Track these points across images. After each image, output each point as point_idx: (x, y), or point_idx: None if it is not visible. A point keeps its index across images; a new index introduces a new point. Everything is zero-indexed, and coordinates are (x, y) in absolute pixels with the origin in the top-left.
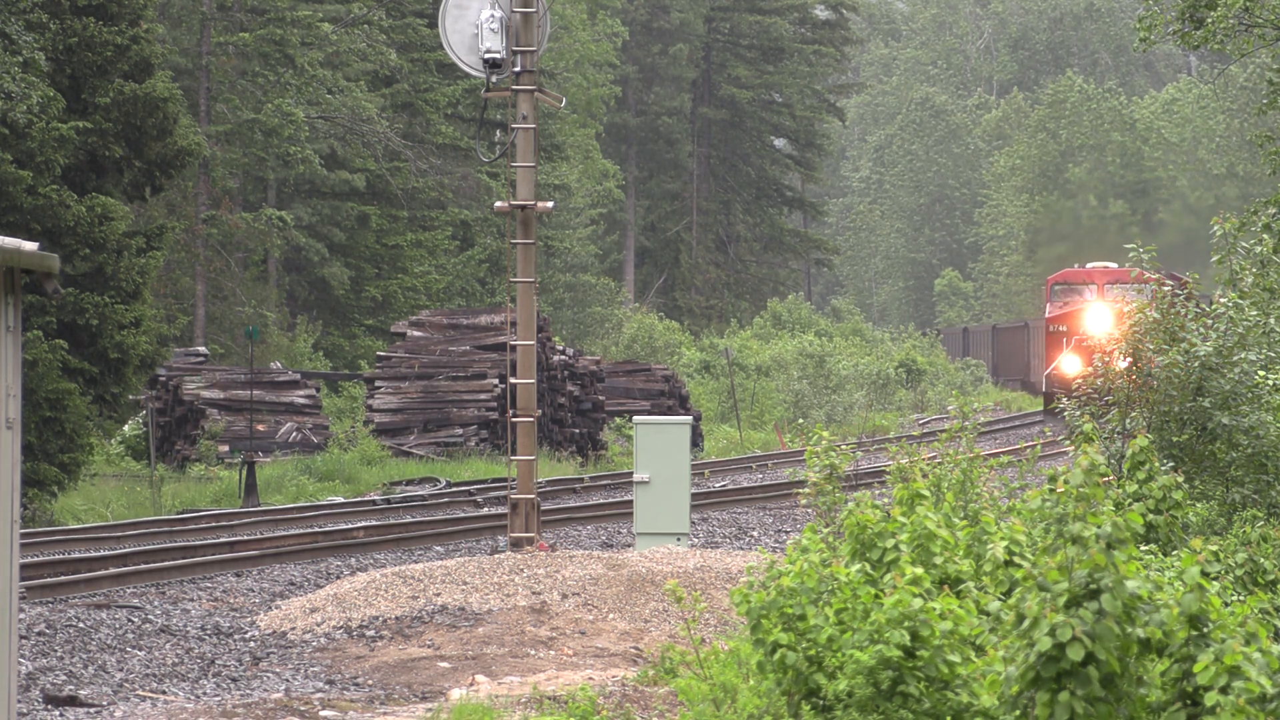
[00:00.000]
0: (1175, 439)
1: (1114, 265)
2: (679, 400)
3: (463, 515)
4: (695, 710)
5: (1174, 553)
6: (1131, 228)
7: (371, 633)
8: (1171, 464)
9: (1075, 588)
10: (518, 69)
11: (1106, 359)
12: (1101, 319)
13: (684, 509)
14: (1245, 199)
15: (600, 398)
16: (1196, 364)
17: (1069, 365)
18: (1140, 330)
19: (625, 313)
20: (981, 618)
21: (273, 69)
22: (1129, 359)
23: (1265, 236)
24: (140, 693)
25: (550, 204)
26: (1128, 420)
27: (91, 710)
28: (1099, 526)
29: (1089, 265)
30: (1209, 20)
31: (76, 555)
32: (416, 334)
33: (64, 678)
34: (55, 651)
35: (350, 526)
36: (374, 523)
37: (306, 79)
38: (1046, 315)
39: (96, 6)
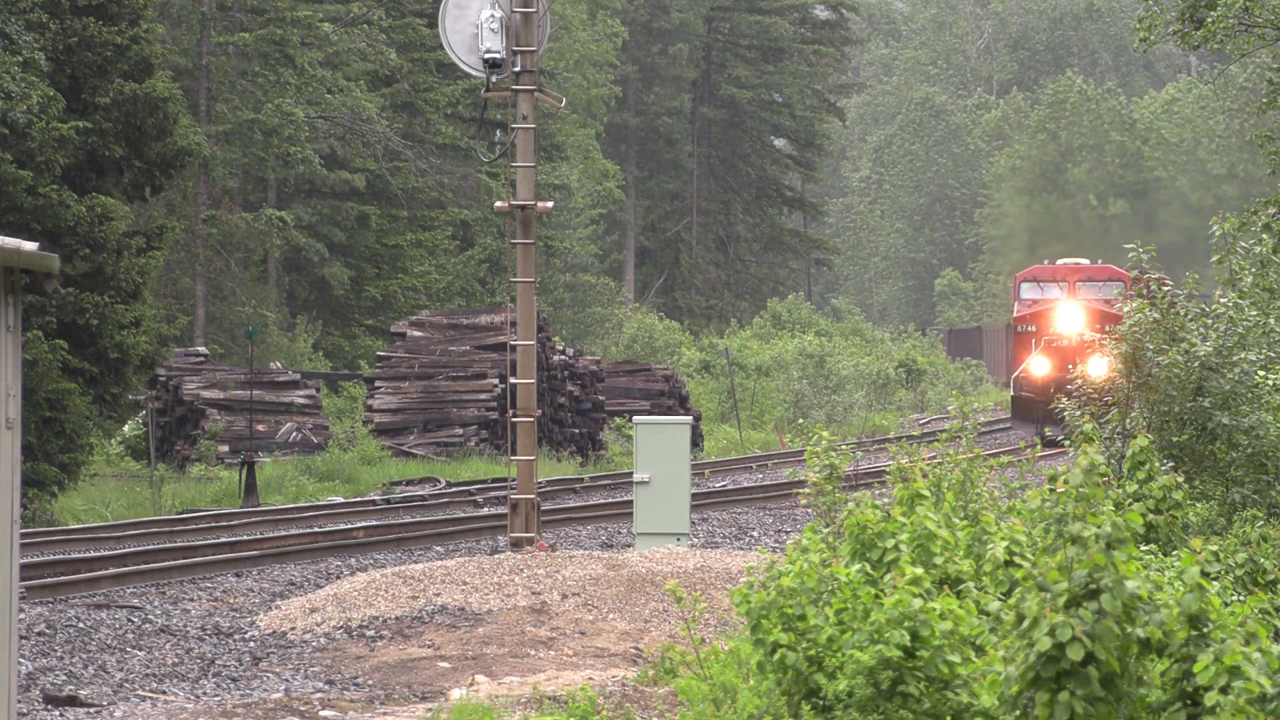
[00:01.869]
0: (1175, 439)
1: (1085, 261)
2: (679, 400)
3: (463, 515)
4: (695, 710)
5: (1174, 553)
6: (1132, 228)
7: (371, 633)
8: (1171, 464)
9: (1075, 588)
10: (518, 69)
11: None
12: (1072, 318)
13: (684, 509)
14: (1245, 199)
15: (600, 398)
16: (1196, 364)
17: (1038, 367)
18: (1140, 330)
19: (625, 313)
20: (981, 618)
21: (273, 69)
22: (1115, 360)
23: (1265, 236)
24: (140, 693)
25: (550, 204)
26: (1128, 420)
27: (91, 710)
28: (1099, 526)
29: (1059, 261)
30: (1209, 20)
31: (76, 555)
32: (416, 334)
33: (64, 678)
34: (55, 651)
35: (350, 526)
36: (374, 523)
37: (306, 79)
38: (1014, 314)
39: (96, 6)
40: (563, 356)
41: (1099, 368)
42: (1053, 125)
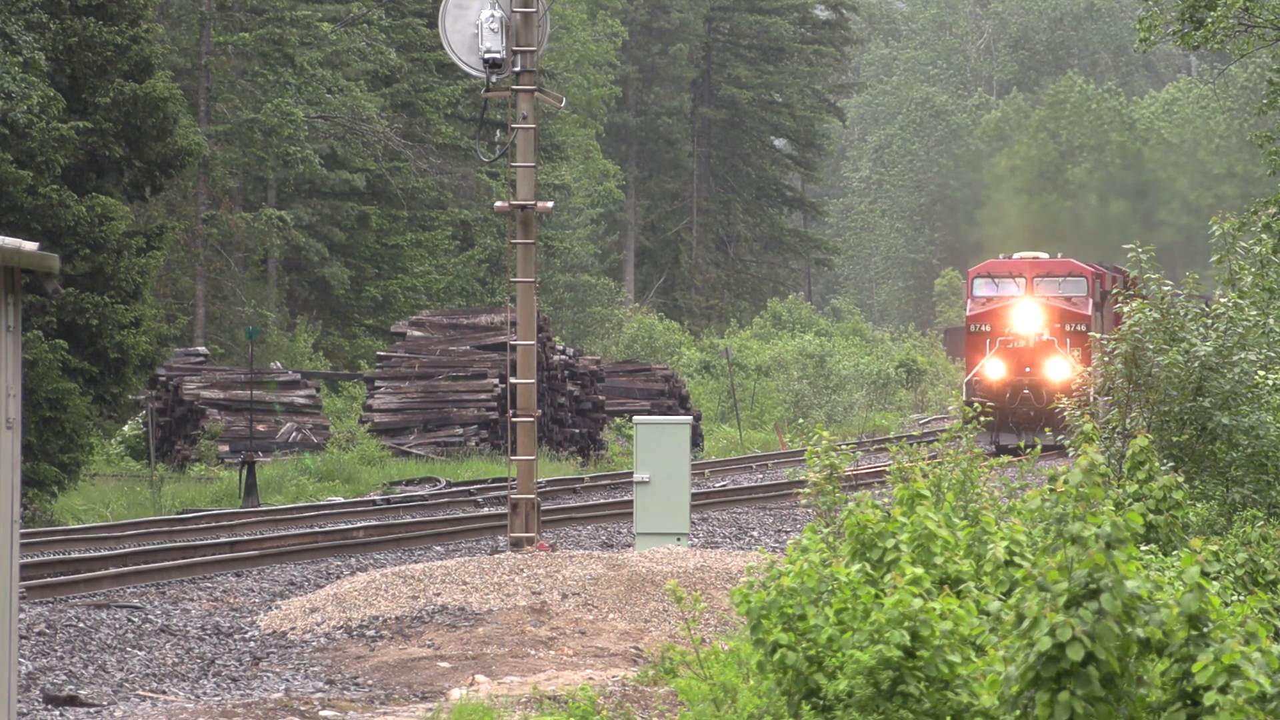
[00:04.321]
0: (1175, 439)
1: (1044, 255)
2: (679, 400)
3: (463, 515)
4: (695, 710)
5: (1174, 553)
6: (1131, 227)
7: (371, 633)
8: (1171, 464)
9: (1075, 588)
10: (518, 69)
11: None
12: (1030, 317)
13: (684, 509)
14: (1245, 199)
15: (600, 398)
16: (1196, 364)
17: (992, 370)
18: (1140, 330)
19: (625, 313)
20: (981, 618)
21: (272, 69)
22: (1114, 360)
23: (1265, 236)
24: (140, 693)
25: (550, 204)
26: (1128, 420)
27: (91, 710)
28: (1099, 526)
29: (1015, 255)
30: (1209, 20)
31: (76, 555)
32: (416, 334)
33: (64, 678)
34: (55, 651)
35: (350, 526)
36: (374, 523)
37: (306, 79)
38: (968, 313)
39: (96, 6)
40: (563, 356)
41: (1059, 370)
42: (1053, 125)
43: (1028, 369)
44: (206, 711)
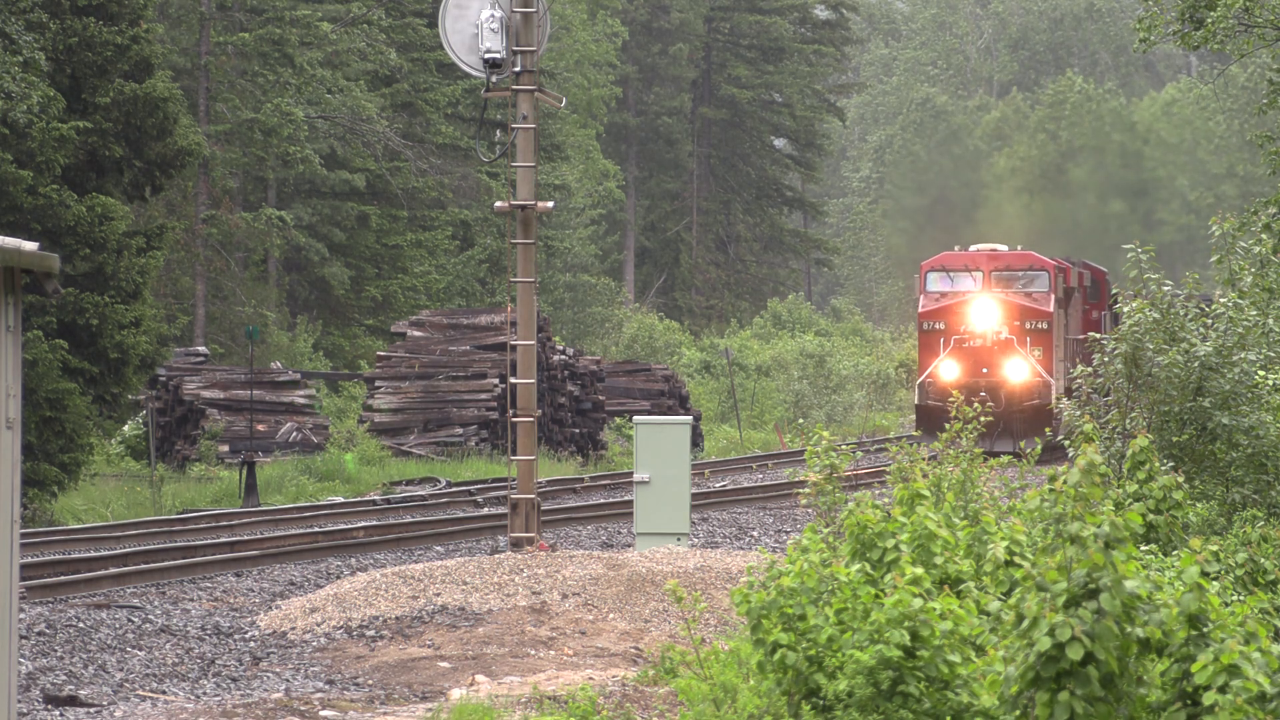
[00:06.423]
0: (1175, 439)
1: (1002, 247)
2: (679, 400)
3: (463, 515)
4: (695, 710)
5: (1174, 553)
6: (1131, 227)
7: (371, 633)
8: (1171, 464)
9: (1074, 587)
10: (518, 69)
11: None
12: (987, 314)
13: (684, 509)
14: (1245, 199)
15: (600, 398)
16: (1196, 364)
17: (947, 371)
18: (1140, 330)
19: (625, 313)
20: (981, 618)
21: (272, 69)
22: (1113, 360)
23: (1264, 236)
24: (140, 693)
25: (550, 204)
26: (1128, 420)
27: (91, 710)
28: (1097, 526)
29: (972, 248)
30: (1209, 20)
31: (76, 555)
32: (416, 334)
33: (64, 678)
34: (55, 651)
35: (350, 526)
36: (374, 523)
37: (306, 79)
38: (920, 310)
39: (96, 6)
40: (563, 356)
41: (1018, 371)
42: (1053, 125)
43: (984, 370)
44: (206, 711)
